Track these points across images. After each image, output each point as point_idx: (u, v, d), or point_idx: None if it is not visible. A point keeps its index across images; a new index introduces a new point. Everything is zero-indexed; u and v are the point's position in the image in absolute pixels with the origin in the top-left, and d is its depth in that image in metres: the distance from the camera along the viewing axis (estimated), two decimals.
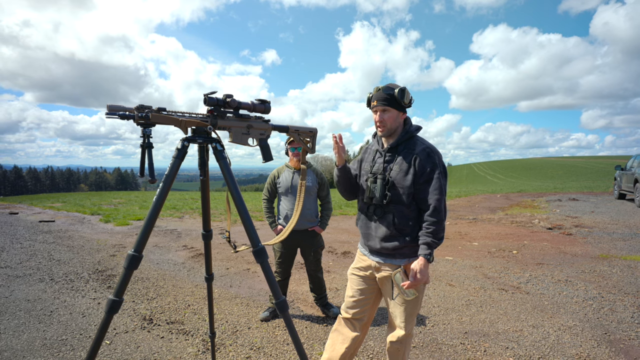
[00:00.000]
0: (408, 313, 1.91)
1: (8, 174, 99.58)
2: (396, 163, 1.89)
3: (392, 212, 1.87)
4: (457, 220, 9.52)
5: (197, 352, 2.68)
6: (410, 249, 1.88)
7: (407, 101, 1.85)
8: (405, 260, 1.90)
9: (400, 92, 1.83)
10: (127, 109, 1.40)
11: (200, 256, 5.59)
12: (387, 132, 1.91)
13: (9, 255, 5.41)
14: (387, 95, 1.85)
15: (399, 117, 1.90)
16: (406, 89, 1.85)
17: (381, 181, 1.87)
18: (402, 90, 1.83)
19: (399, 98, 1.83)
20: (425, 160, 1.84)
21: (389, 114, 1.87)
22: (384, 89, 1.87)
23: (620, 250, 5.78)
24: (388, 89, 1.86)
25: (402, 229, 1.86)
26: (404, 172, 1.85)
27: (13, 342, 2.77)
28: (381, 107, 1.87)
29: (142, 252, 1.48)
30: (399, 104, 1.86)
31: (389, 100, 1.85)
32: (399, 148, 1.92)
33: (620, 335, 2.94)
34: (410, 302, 1.90)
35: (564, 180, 46.38)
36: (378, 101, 1.87)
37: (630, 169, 12.14)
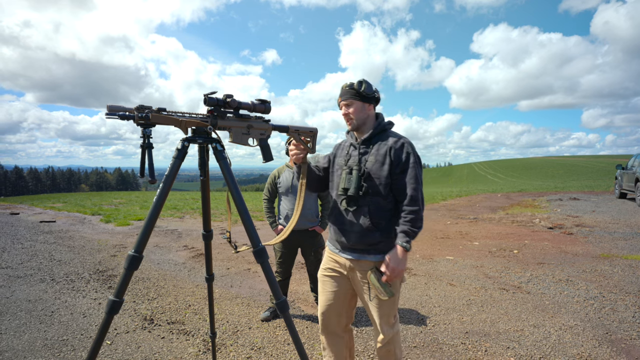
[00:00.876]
0: (386, 313, 1.87)
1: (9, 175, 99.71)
2: (371, 154, 1.88)
3: (367, 205, 1.83)
4: (458, 220, 9.52)
5: (197, 353, 2.68)
6: (386, 244, 1.83)
7: (368, 91, 1.87)
8: (380, 256, 1.84)
9: (359, 83, 1.88)
10: (127, 109, 1.40)
11: (201, 256, 5.59)
12: (355, 124, 1.92)
13: (10, 256, 5.42)
14: (349, 89, 1.90)
15: (365, 108, 1.91)
16: (365, 81, 1.89)
17: (357, 172, 1.85)
18: (360, 81, 1.89)
19: (358, 89, 1.87)
20: (400, 150, 1.84)
21: (353, 107, 1.90)
22: (347, 85, 1.92)
23: (622, 250, 5.77)
24: (350, 83, 1.91)
25: (378, 222, 1.82)
26: (379, 163, 1.84)
27: (14, 343, 2.77)
28: (345, 102, 1.91)
29: (142, 253, 1.48)
30: (361, 96, 1.88)
31: (350, 93, 1.89)
32: (373, 140, 1.92)
33: (621, 335, 2.94)
34: (382, 303, 1.85)
35: (565, 179, 46.33)
36: (341, 97, 1.93)
37: (631, 168, 12.13)
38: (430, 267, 4.98)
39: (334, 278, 1.98)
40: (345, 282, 1.97)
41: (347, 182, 1.87)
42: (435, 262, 5.27)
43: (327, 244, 2.07)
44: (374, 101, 1.94)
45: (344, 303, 2.00)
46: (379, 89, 1.99)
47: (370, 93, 1.89)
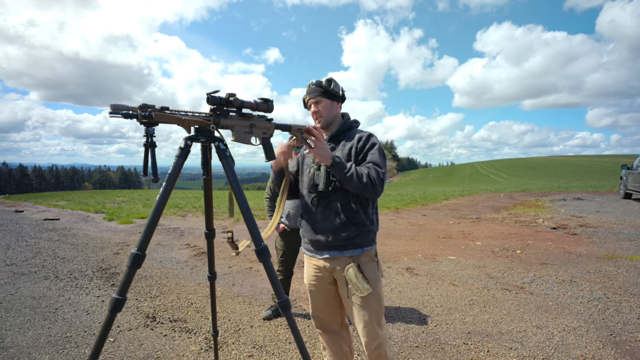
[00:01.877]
0: (375, 312, 1.83)
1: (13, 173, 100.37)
2: (338, 150, 1.91)
3: (337, 200, 1.83)
4: (461, 220, 9.49)
5: (199, 350, 2.69)
6: (363, 237, 1.83)
7: (335, 89, 1.90)
8: (357, 250, 1.83)
9: (328, 81, 1.89)
10: (130, 108, 1.40)
11: (203, 255, 5.61)
12: (324, 121, 1.94)
13: (14, 253, 5.45)
14: (316, 87, 1.91)
15: (333, 106, 1.94)
16: (333, 79, 1.92)
17: (324, 167, 1.82)
18: (329, 79, 1.90)
19: (326, 87, 1.88)
20: (365, 141, 1.87)
21: (322, 104, 1.92)
22: (315, 83, 1.93)
23: (626, 251, 5.73)
24: (318, 82, 1.92)
25: (350, 216, 1.81)
26: (345, 157, 1.87)
27: (19, 339, 2.79)
28: (314, 99, 1.92)
29: (145, 251, 1.48)
30: (330, 93, 1.90)
31: (319, 91, 1.91)
32: (339, 137, 1.96)
33: (626, 336, 2.92)
34: (369, 303, 1.81)
35: (569, 179, 46.08)
36: (310, 94, 1.94)
37: (636, 168, 12.04)
38: (432, 267, 4.96)
39: (320, 286, 1.96)
40: (331, 285, 1.95)
41: (316, 178, 1.88)
42: (437, 261, 5.26)
43: (303, 250, 2.03)
44: (340, 99, 1.97)
45: (335, 303, 1.99)
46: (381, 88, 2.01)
47: (338, 91, 1.92)
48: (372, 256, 1.88)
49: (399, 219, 9.81)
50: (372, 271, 1.86)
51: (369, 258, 1.87)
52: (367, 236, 1.84)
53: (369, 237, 1.86)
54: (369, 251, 1.87)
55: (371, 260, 1.87)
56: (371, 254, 1.88)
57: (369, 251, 1.87)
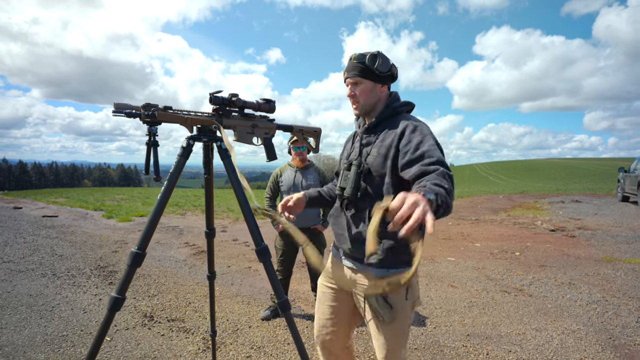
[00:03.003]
0: (391, 345, 1.47)
1: (13, 169, 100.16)
2: (375, 146, 1.50)
3: (367, 208, 1.47)
4: (460, 221, 9.49)
5: (197, 351, 2.68)
6: (392, 258, 1.44)
7: (382, 68, 1.48)
8: (383, 271, 1.47)
9: (372, 57, 1.47)
10: (133, 107, 1.40)
11: (202, 254, 5.59)
12: (361, 108, 1.54)
13: (12, 250, 5.43)
14: (358, 63, 1.49)
15: (376, 89, 1.52)
16: (380, 54, 1.48)
17: (355, 168, 1.51)
18: (374, 55, 1.47)
19: (370, 65, 1.47)
20: (411, 135, 1.40)
21: (362, 87, 1.51)
22: (357, 56, 1.50)
23: (624, 254, 5.74)
24: (361, 56, 1.49)
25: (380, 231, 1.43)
26: (382, 157, 1.46)
27: (14, 337, 2.77)
28: (352, 79, 1.52)
29: (145, 250, 1.47)
30: (373, 74, 1.49)
31: (360, 69, 1.49)
32: (378, 127, 1.54)
33: (624, 340, 2.92)
34: (392, 331, 1.47)
35: (567, 181, 46.20)
36: (348, 72, 1.53)
37: (633, 171, 12.06)
38: (431, 268, 4.96)
39: (334, 291, 1.65)
40: (346, 298, 1.63)
41: (344, 180, 1.56)
42: (436, 263, 5.26)
43: (332, 247, 1.74)
44: (389, 80, 1.54)
45: (343, 321, 1.66)
46: None
47: (386, 70, 1.49)
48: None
49: None
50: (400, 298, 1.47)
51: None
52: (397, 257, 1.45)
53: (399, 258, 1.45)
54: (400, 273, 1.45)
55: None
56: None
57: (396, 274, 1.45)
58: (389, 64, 1.50)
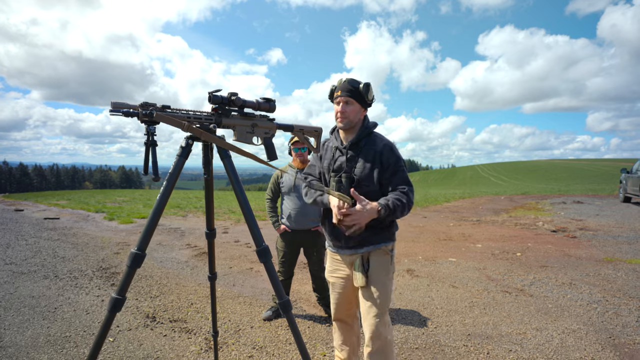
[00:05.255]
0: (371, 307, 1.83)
1: (14, 171, 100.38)
2: (359, 160, 1.86)
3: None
4: (461, 222, 9.48)
5: (199, 351, 2.68)
6: (379, 236, 1.87)
7: (370, 97, 1.84)
8: (371, 247, 1.88)
9: (365, 86, 1.81)
10: (131, 106, 1.39)
11: (204, 255, 5.61)
12: (347, 124, 1.86)
13: (14, 252, 5.45)
14: (352, 87, 1.81)
15: (360, 112, 1.87)
16: (370, 85, 1.84)
17: (347, 180, 1.80)
18: (367, 85, 1.82)
19: (363, 92, 1.81)
20: (389, 154, 1.83)
21: (352, 107, 1.84)
22: (350, 80, 1.83)
23: (625, 254, 5.72)
24: (354, 81, 1.83)
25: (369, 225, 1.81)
26: (368, 169, 1.83)
27: (17, 338, 2.78)
28: (344, 98, 1.83)
29: (145, 251, 1.48)
30: (363, 99, 1.83)
31: (353, 92, 1.81)
32: (360, 144, 1.88)
33: (625, 339, 2.91)
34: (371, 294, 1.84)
35: (569, 182, 46.06)
36: (342, 91, 1.83)
37: (636, 172, 12.03)
38: (432, 269, 4.96)
39: (339, 278, 2.02)
40: (347, 279, 2.00)
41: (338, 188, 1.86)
42: (437, 263, 5.25)
43: (327, 245, 2.09)
44: (368, 107, 1.91)
45: (352, 297, 2.03)
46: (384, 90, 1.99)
47: (371, 99, 1.86)
48: (386, 251, 1.90)
49: (399, 221, 9.80)
50: (380, 263, 1.88)
51: (382, 252, 1.89)
52: (383, 235, 1.87)
53: (386, 235, 1.88)
54: (384, 247, 1.89)
55: (384, 254, 1.89)
56: (386, 249, 1.90)
57: (383, 247, 1.89)
58: (373, 94, 1.87)
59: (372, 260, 1.88)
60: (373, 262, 1.88)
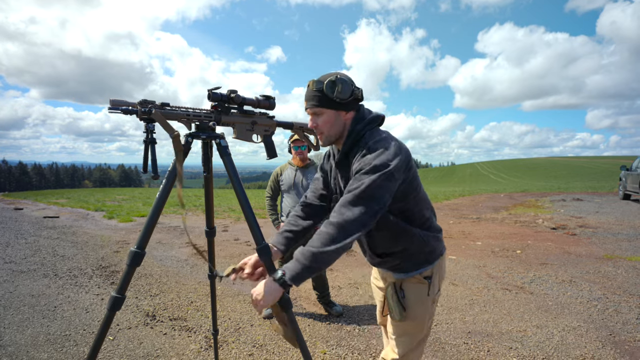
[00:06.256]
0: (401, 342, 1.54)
1: (13, 170, 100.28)
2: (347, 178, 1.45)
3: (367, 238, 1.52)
4: (461, 220, 9.49)
5: (199, 349, 2.68)
6: (408, 263, 1.49)
7: (342, 96, 1.34)
8: (401, 275, 1.52)
9: (330, 84, 1.33)
10: (130, 104, 1.39)
11: (203, 253, 5.60)
12: (326, 140, 1.44)
13: (13, 251, 5.44)
14: (317, 92, 1.36)
15: (340, 117, 1.40)
16: (339, 79, 1.33)
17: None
18: (332, 82, 1.33)
19: (328, 92, 1.34)
20: (362, 159, 1.32)
21: (323, 117, 1.39)
22: (314, 84, 1.37)
23: (625, 251, 5.73)
24: (318, 83, 1.36)
25: (384, 253, 1.50)
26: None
27: (17, 337, 2.78)
28: (311, 110, 1.40)
29: (144, 249, 1.47)
30: (334, 102, 1.36)
31: (319, 98, 1.37)
32: (349, 157, 1.43)
33: (625, 336, 2.91)
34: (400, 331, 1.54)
35: (568, 180, 46.10)
36: (308, 102, 1.41)
37: (635, 169, 12.04)
38: None
39: (377, 288, 1.77)
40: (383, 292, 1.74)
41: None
42: None
43: None
44: (352, 105, 1.42)
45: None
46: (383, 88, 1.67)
47: (345, 97, 1.35)
48: (420, 279, 1.51)
49: None
50: (415, 294, 1.51)
51: (416, 280, 1.52)
52: (412, 261, 1.48)
53: (416, 261, 1.49)
54: (417, 275, 1.51)
55: (419, 282, 1.51)
56: (419, 278, 1.51)
57: (417, 275, 1.51)
58: (350, 88, 1.35)
59: (407, 289, 1.52)
60: (408, 291, 1.52)
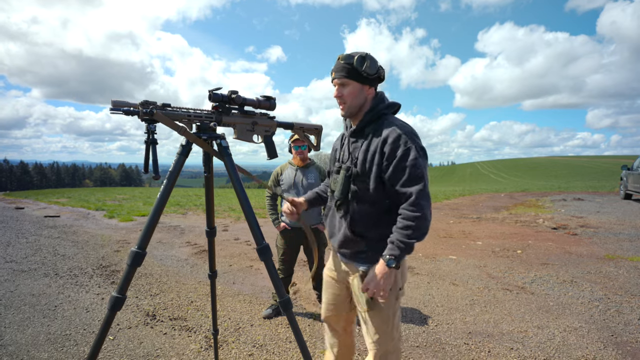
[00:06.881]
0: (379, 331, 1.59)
1: (14, 169, 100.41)
2: (361, 151, 1.55)
3: (355, 211, 1.58)
4: (461, 219, 9.48)
5: (199, 349, 2.68)
6: (374, 255, 1.55)
7: (370, 70, 1.50)
8: (368, 266, 1.58)
9: (360, 59, 1.49)
10: (131, 105, 1.39)
11: (204, 253, 5.60)
12: (348, 110, 1.58)
13: (14, 250, 5.45)
14: (346, 64, 1.51)
15: (363, 91, 1.55)
16: (368, 56, 1.51)
17: (344, 172, 1.57)
18: (362, 57, 1.50)
19: (357, 66, 1.49)
20: (394, 143, 1.46)
21: (349, 88, 1.54)
22: (344, 57, 1.52)
23: (627, 251, 5.72)
24: (348, 57, 1.52)
25: (361, 232, 1.57)
26: (369, 162, 1.52)
27: (18, 336, 2.78)
28: (339, 80, 1.54)
29: (145, 249, 1.47)
30: (361, 75, 1.51)
31: (348, 70, 1.51)
32: (365, 131, 1.57)
33: (627, 337, 2.91)
34: (376, 317, 1.58)
35: (569, 179, 46.06)
36: (336, 73, 1.55)
37: (636, 168, 12.02)
38: (433, 267, 4.96)
39: (333, 280, 1.80)
40: (343, 286, 1.77)
41: (334, 182, 1.65)
42: (438, 261, 5.25)
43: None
44: (376, 82, 1.58)
45: (344, 307, 1.80)
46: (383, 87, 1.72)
47: (373, 73, 1.52)
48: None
49: None
50: None
51: None
52: (376, 255, 1.54)
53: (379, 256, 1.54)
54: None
55: None
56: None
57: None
58: (377, 65, 1.53)
59: None
60: None
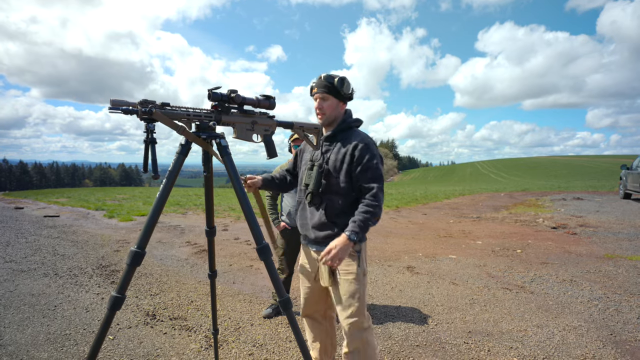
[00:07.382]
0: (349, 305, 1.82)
1: (14, 169, 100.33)
2: (333, 152, 1.89)
3: (326, 202, 1.88)
4: (461, 219, 9.48)
5: (199, 349, 2.68)
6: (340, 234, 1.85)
7: (346, 91, 1.86)
8: None
9: (340, 81, 1.84)
10: (130, 104, 1.39)
11: (203, 252, 5.60)
12: (326, 120, 1.91)
13: (14, 250, 5.45)
14: (327, 83, 1.85)
15: (339, 106, 1.90)
16: (346, 79, 1.86)
17: (317, 169, 1.88)
18: (342, 79, 1.85)
19: (338, 86, 1.84)
20: (363, 150, 1.83)
21: (328, 102, 1.87)
22: (326, 77, 1.87)
23: (626, 251, 5.73)
24: (329, 77, 1.86)
25: (334, 220, 1.86)
26: (339, 161, 1.86)
27: (17, 336, 2.78)
28: (320, 95, 1.87)
29: (144, 249, 1.47)
30: (338, 93, 1.86)
31: (329, 88, 1.85)
32: (337, 137, 1.92)
33: (626, 336, 2.91)
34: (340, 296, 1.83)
35: (569, 179, 46.06)
36: (318, 88, 1.88)
37: (636, 168, 12.03)
38: (433, 266, 4.96)
39: (307, 274, 2.04)
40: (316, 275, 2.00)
41: (308, 177, 1.92)
42: (438, 260, 5.25)
43: (301, 238, 2.12)
44: (347, 100, 1.93)
45: (321, 294, 2.04)
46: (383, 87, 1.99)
47: (348, 93, 1.88)
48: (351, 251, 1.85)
49: (399, 218, 9.80)
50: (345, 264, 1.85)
51: None
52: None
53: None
54: None
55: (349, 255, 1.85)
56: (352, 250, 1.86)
57: None
58: (351, 87, 1.90)
59: None
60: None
